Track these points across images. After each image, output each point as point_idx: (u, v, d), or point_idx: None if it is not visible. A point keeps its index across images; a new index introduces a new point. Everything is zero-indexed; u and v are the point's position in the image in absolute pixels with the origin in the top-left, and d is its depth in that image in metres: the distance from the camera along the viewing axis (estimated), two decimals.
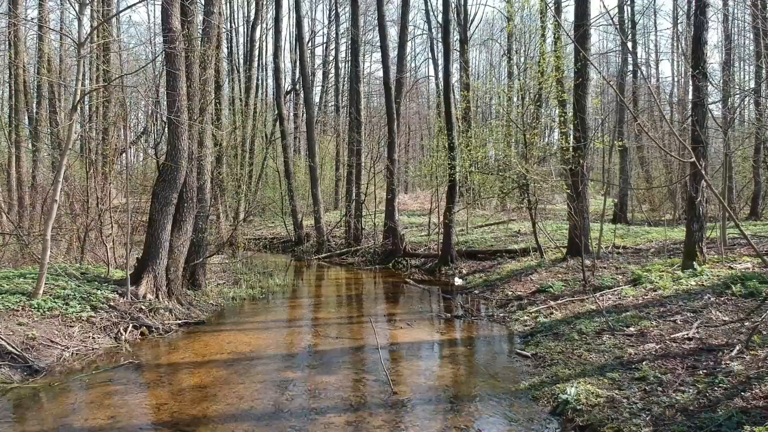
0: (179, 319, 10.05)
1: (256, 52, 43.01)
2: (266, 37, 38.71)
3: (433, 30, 34.43)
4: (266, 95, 41.41)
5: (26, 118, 17.38)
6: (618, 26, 25.09)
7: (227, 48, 39.65)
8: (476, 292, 13.11)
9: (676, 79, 34.42)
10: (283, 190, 25.72)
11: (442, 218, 18.14)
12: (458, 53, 28.38)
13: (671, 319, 8.39)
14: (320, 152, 31.04)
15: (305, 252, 22.19)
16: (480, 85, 28.93)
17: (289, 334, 9.41)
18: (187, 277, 11.86)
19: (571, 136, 15.07)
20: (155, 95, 11.76)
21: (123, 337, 8.92)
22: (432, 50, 34.96)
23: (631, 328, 8.12)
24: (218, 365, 7.60)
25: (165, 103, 10.76)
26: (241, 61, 35.95)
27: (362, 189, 21.38)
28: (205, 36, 12.04)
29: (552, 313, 9.81)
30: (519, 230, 18.93)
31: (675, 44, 37.18)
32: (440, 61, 38.24)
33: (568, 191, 13.39)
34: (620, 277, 11.62)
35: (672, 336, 7.48)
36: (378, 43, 45.33)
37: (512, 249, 16.01)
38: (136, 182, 14.53)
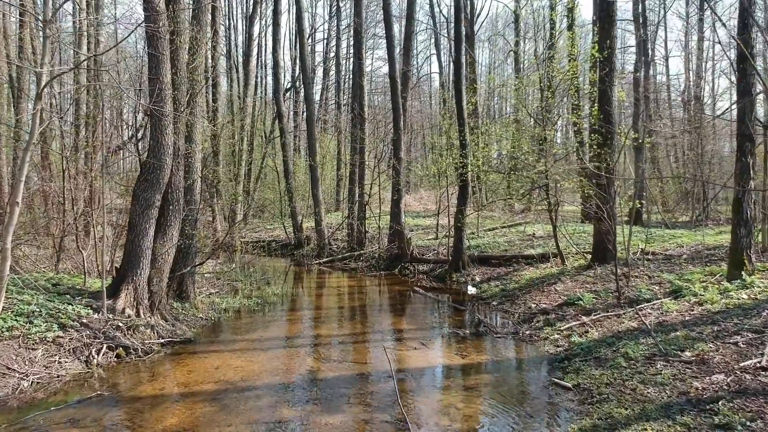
0: (162, 338, 8.85)
1: (255, 49, 41.87)
2: (265, 35, 37.56)
3: (437, 25, 33.27)
4: (265, 93, 40.24)
5: None
6: (633, 20, 23.94)
7: (225, 46, 38.59)
8: (494, 303, 11.90)
9: (684, 75, 33.27)
10: (281, 189, 24.51)
11: (452, 221, 16.96)
12: (465, 48, 27.21)
13: (731, 341, 7.19)
14: (321, 151, 29.82)
15: (305, 256, 20.98)
16: (492, 78, 27.65)
17: (287, 356, 8.21)
18: (173, 287, 10.66)
19: (583, 133, 13.92)
20: (138, 83, 10.55)
21: (95, 360, 7.72)
22: (437, 46, 33.79)
23: (687, 353, 6.92)
24: (203, 399, 6.40)
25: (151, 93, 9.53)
26: (240, 60, 34.78)
27: (366, 189, 20.17)
28: (195, 20, 10.83)
29: (587, 332, 8.60)
30: (534, 233, 17.72)
31: (686, 40, 36.03)
32: (444, 57, 37.09)
33: (591, 191, 12.18)
34: (656, 287, 10.42)
35: (741, 365, 6.28)
36: (382, 37, 44.22)
37: (529, 254, 14.80)
38: (118, 181, 13.31)
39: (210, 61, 27.45)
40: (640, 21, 26.31)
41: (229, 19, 38.64)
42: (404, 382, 6.95)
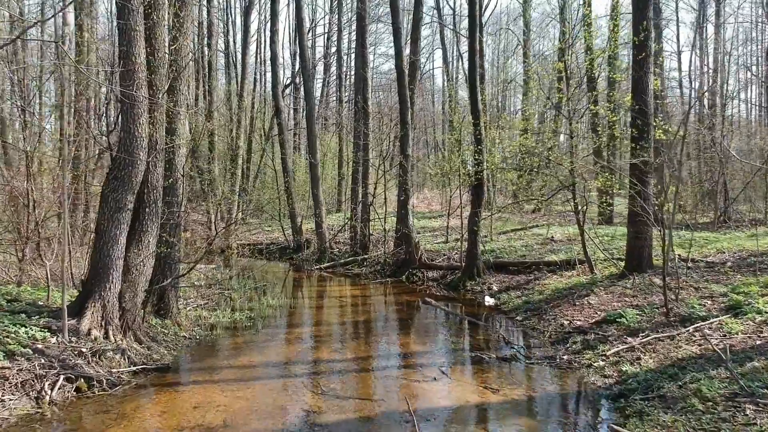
0: (135, 364, 7.48)
1: (254, 45, 40.55)
2: (264, 29, 36.22)
3: (442, 18, 31.91)
4: (264, 91, 38.90)
5: None
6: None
7: (224, 42, 37.24)
8: (518, 318, 10.52)
9: (696, 71, 31.88)
10: (279, 187, 23.13)
11: (461, 222, 15.60)
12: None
13: None
14: (322, 149, 28.46)
15: (305, 260, 19.61)
16: (510, 66, 26.20)
17: (280, 389, 6.83)
18: (152, 302, 9.29)
19: (614, 127, 12.56)
20: (109, 66, 9.19)
21: (48, 396, 6.34)
22: (442, 39, 32.42)
23: None
24: None
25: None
26: (239, 56, 33.45)
27: (370, 189, 18.79)
28: None
29: (639, 358, 7.22)
30: (552, 236, 16.33)
31: (697, 35, 34.70)
32: (450, 51, 35.69)
33: (634, 191, 10.78)
34: (708, 302, 9.04)
35: None
36: (384, 32, 42.83)
37: (552, 261, 13.42)
38: (90, 181, 11.94)
39: (206, 51, 26.11)
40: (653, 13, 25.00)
41: (227, 15, 37.34)
42: (426, 430, 5.58)
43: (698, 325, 7.95)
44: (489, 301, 12.36)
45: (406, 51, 16.62)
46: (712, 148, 22.95)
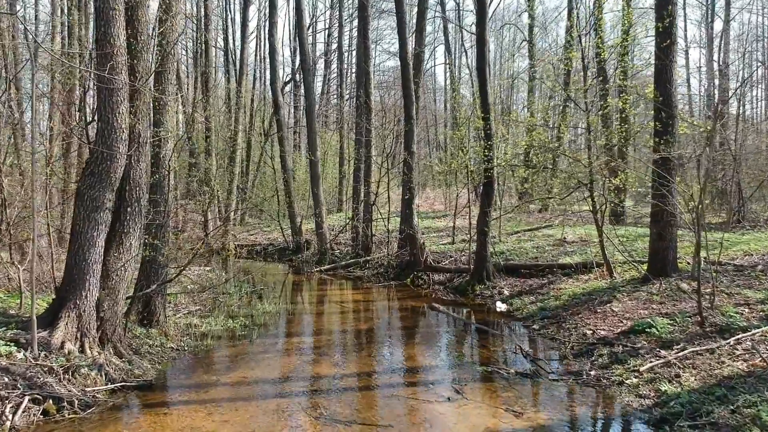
0: (113, 381, 6.69)
1: (254, 41, 39.79)
2: (263, 27, 35.46)
3: (446, 13, 31.12)
4: (264, 89, 38.13)
5: None
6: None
7: (223, 40, 36.48)
8: (534, 326, 9.72)
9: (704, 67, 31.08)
10: (278, 183, 22.34)
11: (466, 222, 14.82)
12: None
13: None
14: (322, 146, 27.66)
15: (305, 262, 18.81)
16: (512, 65, 25.38)
17: (274, 412, 6.04)
18: (137, 309, 8.52)
19: (631, 120, 11.77)
20: (86, 50, 8.42)
21: (8, 422, 5.57)
22: (445, 34, 31.64)
23: None
24: None
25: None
26: (238, 53, 32.69)
27: (372, 188, 17.99)
28: None
29: (678, 376, 6.42)
30: (564, 237, 15.53)
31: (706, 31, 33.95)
32: (453, 46, 34.95)
33: (663, 189, 9.97)
34: (745, 309, 8.26)
35: None
36: (385, 28, 41.94)
37: (566, 263, 12.63)
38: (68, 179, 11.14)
39: (203, 36, 25.25)
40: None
41: (226, 12, 36.60)
42: None
43: (739, 336, 7.16)
44: (501, 306, 11.57)
45: (411, 43, 15.79)
46: (724, 146, 22.17)
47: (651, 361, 6.96)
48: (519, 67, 38.55)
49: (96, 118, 7.03)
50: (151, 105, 8.21)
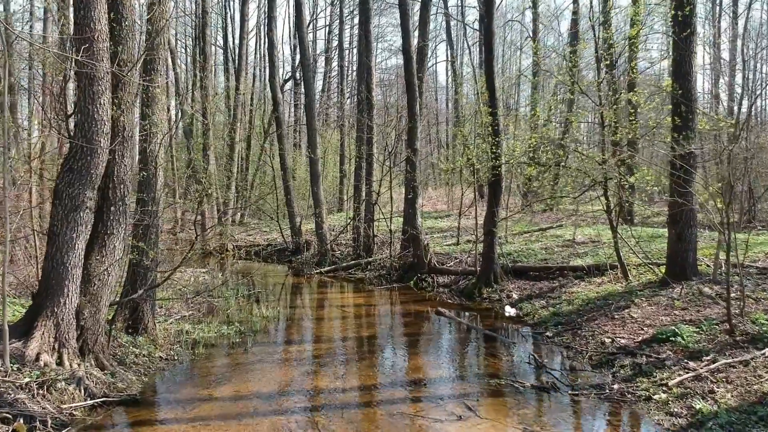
0: (93, 397, 6.13)
1: (254, 39, 39.21)
2: (263, 25, 34.88)
3: (447, 8, 30.55)
4: (264, 88, 37.56)
5: None
6: None
7: (222, 38, 35.90)
8: (548, 334, 9.14)
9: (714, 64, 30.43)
10: (277, 180, 21.76)
11: (471, 222, 14.24)
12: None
13: None
14: (323, 145, 27.09)
15: (305, 263, 18.22)
16: (515, 61, 24.77)
17: None
18: (124, 316, 7.95)
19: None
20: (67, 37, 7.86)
21: None
22: (448, 31, 31.07)
23: None
24: None
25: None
26: (237, 51, 32.11)
27: (374, 187, 17.42)
28: None
29: (712, 392, 5.85)
30: (574, 238, 14.95)
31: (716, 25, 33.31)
32: (456, 43, 34.31)
33: (681, 189, 9.40)
34: None
35: None
36: (386, 26, 41.32)
37: (578, 266, 12.06)
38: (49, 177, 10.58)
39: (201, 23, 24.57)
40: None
41: (225, 10, 36.03)
42: None
43: None
44: (510, 311, 11.01)
45: (414, 36, 15.22)
46: (734, 144, 21.61)
47: (680, 374, 6.39)
48: (522, 66, 37.97)
49: (75, 109, 6.45)
50: (139, 97, 7.66)
